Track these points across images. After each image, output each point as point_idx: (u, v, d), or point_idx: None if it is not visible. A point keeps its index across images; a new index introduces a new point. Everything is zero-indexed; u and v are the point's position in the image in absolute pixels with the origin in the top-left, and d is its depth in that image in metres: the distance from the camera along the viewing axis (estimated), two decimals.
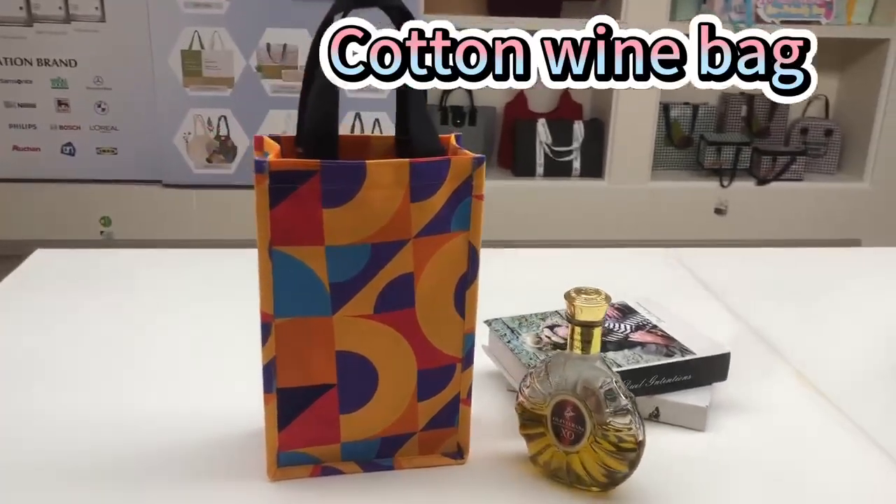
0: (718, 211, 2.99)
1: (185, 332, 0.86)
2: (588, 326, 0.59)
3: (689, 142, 3.07)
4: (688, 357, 0.71)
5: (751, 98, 3.07)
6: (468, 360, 0.63)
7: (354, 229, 0.56)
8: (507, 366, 0.74)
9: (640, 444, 0.59)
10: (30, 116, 2.78)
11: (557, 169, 2.93)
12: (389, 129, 2.87)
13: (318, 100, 0.54)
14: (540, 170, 2.94)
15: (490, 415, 0.72)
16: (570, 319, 0.60)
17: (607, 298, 0.59)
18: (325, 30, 0.55)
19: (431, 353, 0.62)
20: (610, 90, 2.89)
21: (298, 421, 0.61)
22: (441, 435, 0.65)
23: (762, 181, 2.99)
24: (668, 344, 0.74)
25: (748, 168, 3.01)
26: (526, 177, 2.95)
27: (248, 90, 2.79)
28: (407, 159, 0.56)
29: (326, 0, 0.57)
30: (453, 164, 0.58)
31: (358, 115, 2.85)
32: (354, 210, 0.56)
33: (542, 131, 2.94)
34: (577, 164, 2.94)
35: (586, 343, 0.60)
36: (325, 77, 0.54)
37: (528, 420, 0.63)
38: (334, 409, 0.61)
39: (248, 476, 0.62)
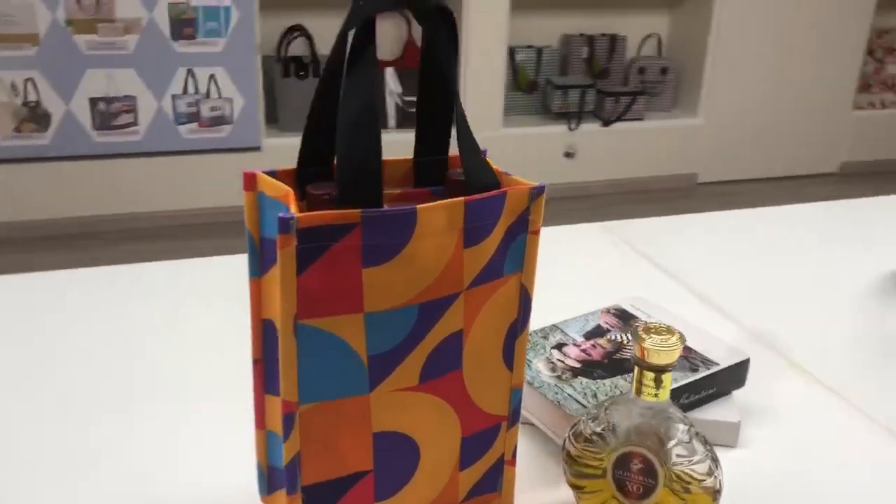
0: (568, 154, 3.02)
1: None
2: (661, 371, 0.52)
3: (535, 86, 3.06)
4: (713, 370, 0.66)
5: (591, 39, 3.09)
6: (515, 417, 0.54)
7: (400, 289, 0.45)
8: (525, 401, 0.65)
9: (718, 493, 0.53)
10: None
11: (409, 119, 2.82)
12: (226, 87, 2.63)
13: (354, 131, 0.42)
14: (392, 122, 2.83)
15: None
16: (639, 363, 0.52)
17: (681, 339, 0.52)
18: (347, 30, 0.42)
19: (477, 416, 0.52)
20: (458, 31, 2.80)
21: None
22: (482, 502, 0.55)
23: (607, 122, 3.04)
24: (688, 356, 0.68)
25: (593, 110, 3.05)
26: None
27: (58, 48, 2.45)
28: (461, 198, 0.45)
29: None
30: (509, 198, 0.47)
31: (190, 72, 2.59)
32: (401, 266, 0.44)
33: (391, 81, 2.81)
34: None
35: (658, 388, 0.52)
36: (360, 97, 0.41)
37: (581, 472, 0.55)
38: (368, 499, 0.50)
39: None
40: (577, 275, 0.95)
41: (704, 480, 0.52)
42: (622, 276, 0.95)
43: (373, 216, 0.42)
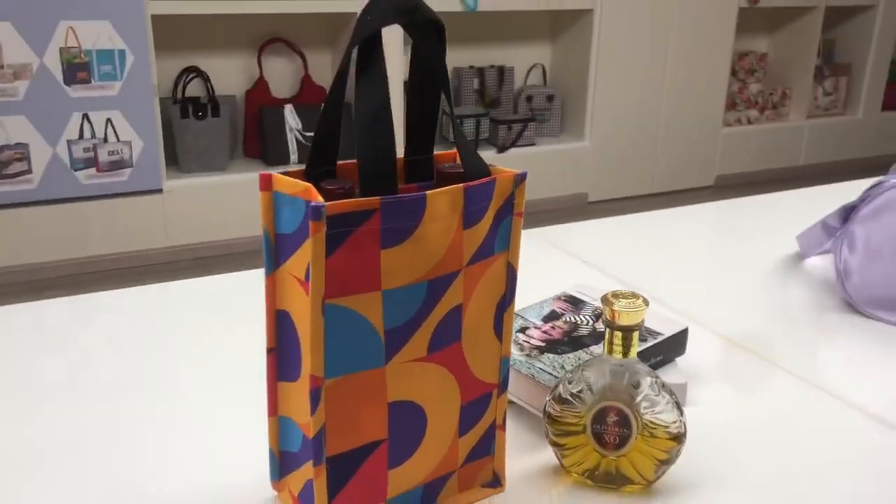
0: None
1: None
2: (628, 330, 0.59)
3: None
4: (659, 339, 0.74)
5: (481, 71, 3.23)
6: (504, 384, 0.60)
7: (412, 268, 0.51)
8: None
9: (683, 437, 0.61)
10: None
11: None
12: (123, 131, 2.60)
13: (372, 127, 0.47)
14: (294, 156, 2.86)
15: None
16: (610, 325, 0.59)
17: (645, 302, 0.60)
18: (356, 43, 0.48)
19: (473, 384, 0.58)
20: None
21: (347, 489, 0.54)
22: (478, 466, 0.61)
23: (501, 149, 3.18)
24: None
25: (488, 138, 3.18)
26: (280, 165, 2.85)
27: None
28: (461, 185, 0.51)
29: None
30: (498, 183, 0.54)
31: (86, 116, 2.55)
32: (413, 247, 0.50)
33: (290, 117, 2.85)
34: None
35: (627, 347, 0.60)
36: (376, 96, 0.47)
37: (561, 431, 0.62)
38: (383, 466, 0.55)
39: None
40: (521, 272, 1.02)
41: (669, 426, 0.60)
42: (559, 270, 1.03)
43: (390, 202, 0.48)
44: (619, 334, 0.59)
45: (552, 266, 1.06)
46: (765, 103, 3.81)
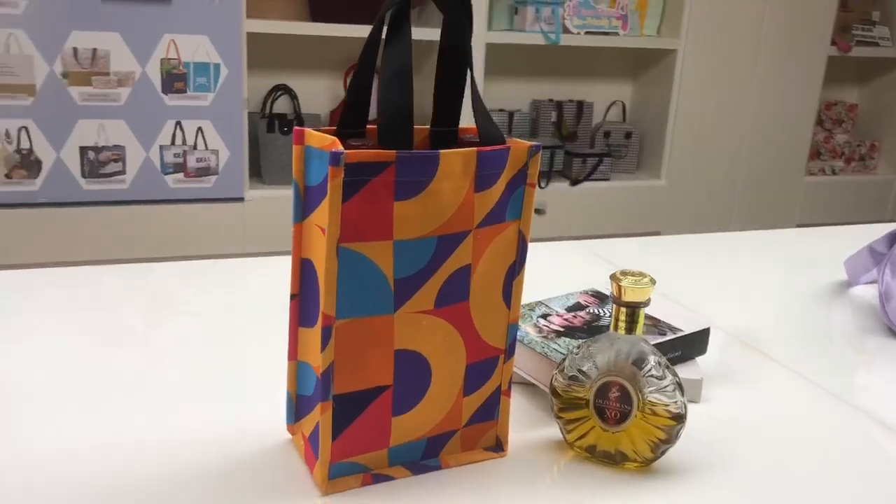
0: (538, 211, 3.15)
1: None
2: (634, 307, 0.62)
3: None
4: (678, 334, 0.76)
5: (559, 104, 3.27)
6: (511, 350, 0.63)
7: (423, 222, 0.55)
8: (516, 358, 0.74)
9: (684, 418, 0.62)
10: None
11: None
12: (212, 140, 2.74)
13: (394, 85, 0.52)
14: None
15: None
16: (616, 301, 0.62)
17: (652, 281, 0.62)
18: (387, 10, 0.53)
19: (479, 345, 0.61)
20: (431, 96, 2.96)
21: (352, 428, 0.58)
22: (482, 429, 0.64)
23: (574, 182, 3.20)
24: (656, 324, 0.78)
25: (561, 170, 3.21)
26: None
27: (53, 98, 2.55)
28: (474, 148, 0.55)
29: (140, 1, 0.55)
30: (512, 152, 0.57)
31: (179, 124, 2.70)
32: (424, 202, 0.54)
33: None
34: None
35: (632, 324, 0.62)
36: (400, 56, 0.52)
37: (566, 405, 0.64)
38: (387, 412, 0.59)
39: (293, 493, 0.58)
40: (558, 276, 1.05)
41: (669, 406, 0.62)
42: (599, 277, 1.05)
43: (405, 156, 0.53)
44: (624, 311, 0.62)
45: (591, 272, 1.08)
46: (851, 154, 3.72)
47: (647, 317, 0.79)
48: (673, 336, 0.75)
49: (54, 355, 0.76)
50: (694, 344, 0.77)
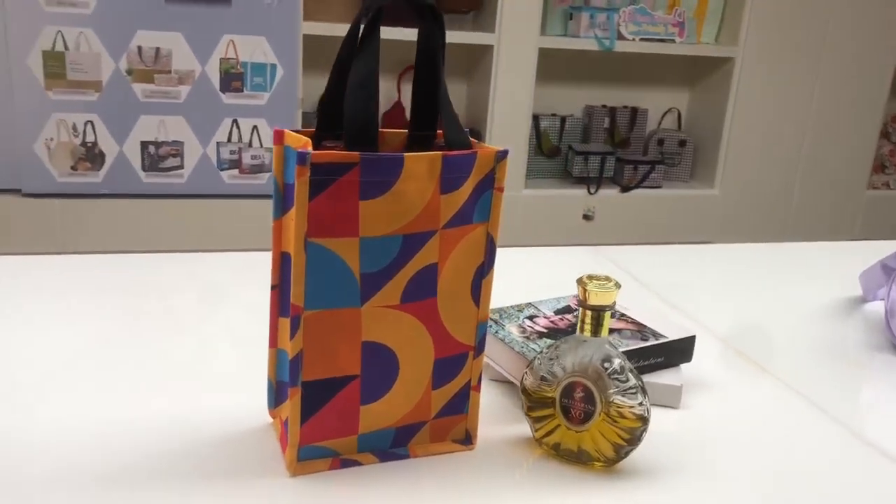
0: (586, 217, 3.15)
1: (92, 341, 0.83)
2: (599, 310, 0.63)
3: (557, 151, 3.22)
4: (661, 340, 0.77)
5: (613, 110, 3.26)
6: (480, 347, 0.65)
7: (388, 221, 0.58)
8: (495, 356, 0.77)
9: (646, 421, 0.64)
10: None
11: None
12: (266, 138, 2.83)
13: (359, 92, 0.55)
14: None
15: (482, 402, 0.74)
16: (582, 304, 0.64)
17: (617, 285, 0.64)
18: (361, 18, 0.56)
19: (448, 341, 0.64)
20: (485, 99, 2.99)
21: (320, 414, 0.61)
22: (451, 422, 0.67)
23: (625, 188, 3.18)
24: (641, 329, 0.79)
25: (612, 176, 3.19)
26: None
27: (118, 95, 2.66)
28: (439, 152, 0.58)
29: (202, 3, 0.58)
30: (479, 158, 0.60)
31: (235, 122, 2.79)
32: (389, 202, 0.57)
33: None
34: None
35: (597, 326, 0.64)
36: (367, 66, 0.55)
37: (535, 403, 0.67)
38: (355, 401, 0.62)
39: (265, 473, 0.62)
40: (566, 281, 1.07)
41: (634, 407, 0.63)
42: None
43: (369, 158, 0.56)
44: (589, 313, 0.64)
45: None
46: None
47: (632, 322, 0.81)
48: (655, 342, 0.77)
49: (89, 337, 0.82)
50: (677, 351, 0.78)
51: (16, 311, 0.86)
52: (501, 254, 1.16)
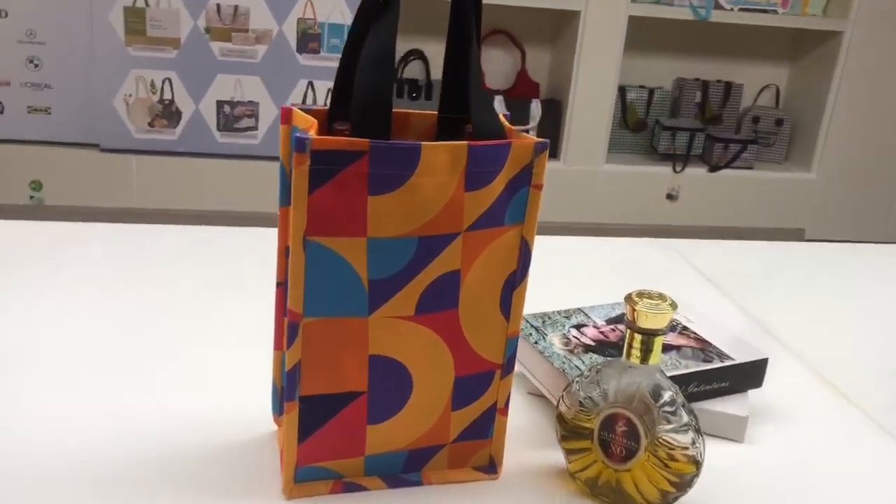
0: (670, 196, 2.99)
1: (133, 320, 0.77)
2: (650, 335, 0.54)
3: (643, 126, 3.06)
4: (727, 363, 0.67)
5: (705, 84, 3.07)
6: (509, 366, 0.57)
7: (401, 220, 0.49)
8: (533, 368, 0.68)
9: (699, 465, 0.54)
10: None
11: None
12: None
13: (372, 68, 0.47)
14: None
15: (514, 421, 0.66)
16: (630, 325, 0.54)
17: (673, 305, 0.54)
18: None
19: (471, 358, 0.55)
20: (569, 68, 2.85)
21: (321, 432, 0.54)
22: (473, 447, 0.59)
23: (714, 168, 3.00)
24: (704, 348, 0.69)
25: (700, 154, 3.02)
26: None
27: (195, 52, 2.64)
28: (465, 142, 0.49)
29: None
30: (514, 149, 0.51)
31: (311, 84, 2.74)
32: (403, 198, 0.49)
33: (499, 108, 2.88)
34: None
35: (646, 352, 0.54)
36: (383, 37, 0.46)
37: (570, 433, 0.58)
38: (361, 420, 0.54)
39: (258, 492, 0.55)
40: (623, 280, 0.96)
41: (687, 448, 0.54)
42: (671, 286, 0.96)
43: (380, 146, 0.47)
44: (638, 337, 0.54)
45: (667, 278, 0.99)
46: None
47: (695, 338, 0.71)
48: (720, 364, 0.66)
49: (121, 314, 0.77)
50: (746, 376, 0.68)
51: (47, 278, 0.82)
52: (556, 242, 1.06)
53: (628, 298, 0.54)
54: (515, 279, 0.55)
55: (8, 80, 2.62)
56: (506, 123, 0.54)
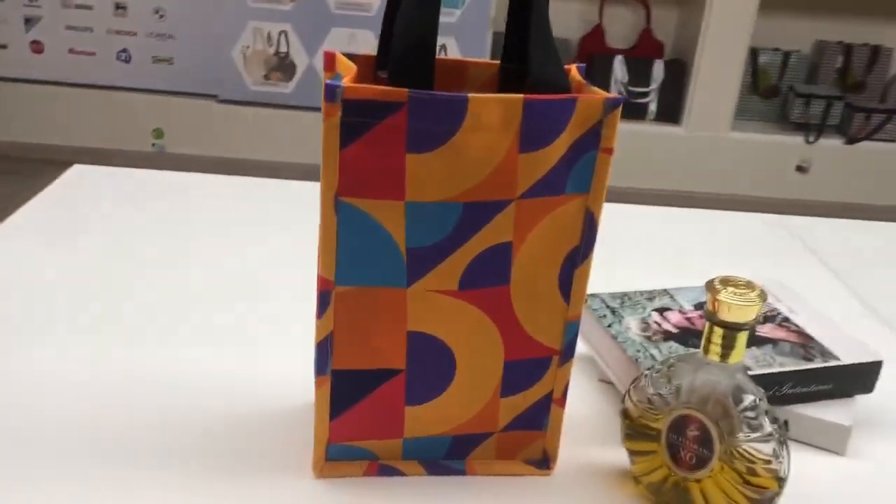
0: (800, 168, 2.78)
1: (237, 277, 0.75)
2: (734, 329, 0.46)
3: (775, 91, 2.85)
4: (831, 363, 0.58)
5: (848, 48, 2.83)
6: (568, 352, 0.51)
7: (444, 182, 0.44)
8: (604, 353, 0.61)
9: (782, 482, 0.47)
10: (86, 19, 2.68)
11: (631, 111, 2.75)
12: (455, 56, 2.71)
13: (415, 10, 0.41)
14: None
15: (579, 410, 0.60)
16: (710, 317, 0.47)
17: (762, 296, 0.46)
18: None
19: (524, 341, 0.49)
20: (696, 27, 2.68)
21: (355, 410, 0.50)
22: (525, 438, 0.53)
23: (852, 140, 2.77)
24: (806, 343, 0.60)
25: (837, 125, 2.79)
26: None
27: (311, 5, 2.64)
28: (520, 95, 0.43)
29: None
30: (579, 106, 0.44)
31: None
32: (447, 157, 0.43)
33: (619, 69, 2.75)
34: (653, 107, 2.75)
35: (727, 349, 0.47)
36: None
37: (636, 432, 0.51)
38: (399, 399, 0.50)
39: (289, 469, 0.51)
40: (722, 259, 0.87)
41: (769, 462, 0.46)
42: (779, 264, 0.86)
43: (421, 97, 0.42)
44: (719, 331, 0.47)
45: (770, 256, 0.89)
46: None
47: (797, 331, 0.62)
48: (823, 364, 0.58)
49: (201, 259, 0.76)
50: (854, 378, 0.59)
51: (102, 220, 0.82)
52: (651, 212, 0.98)
53: (709, 286, 0.47)
54: (578, 256, 0.48)
55: (135, 30, 2.70)
56: (576, 76, 0.47)
